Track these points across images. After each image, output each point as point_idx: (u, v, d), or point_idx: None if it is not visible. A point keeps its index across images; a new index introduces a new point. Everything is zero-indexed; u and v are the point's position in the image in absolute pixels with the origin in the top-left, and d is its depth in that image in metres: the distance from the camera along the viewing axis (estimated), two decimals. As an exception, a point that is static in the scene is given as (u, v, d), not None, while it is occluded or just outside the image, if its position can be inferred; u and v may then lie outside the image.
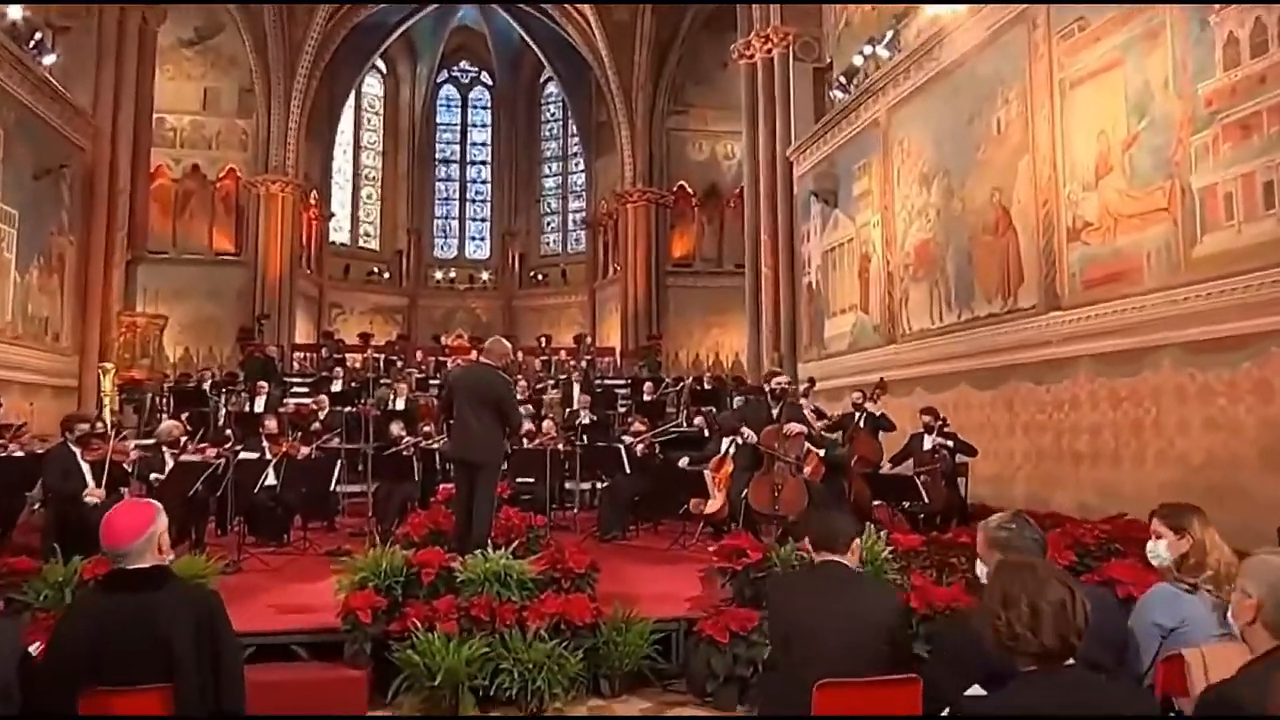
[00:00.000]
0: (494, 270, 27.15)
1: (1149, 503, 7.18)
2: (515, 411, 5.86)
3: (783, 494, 6.36)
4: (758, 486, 6.45)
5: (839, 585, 2.95)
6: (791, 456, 6.48)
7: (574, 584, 5.11)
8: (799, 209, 15.30)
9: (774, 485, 6.42)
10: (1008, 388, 9.72)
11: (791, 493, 6.40)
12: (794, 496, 6.39)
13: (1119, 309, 8.04)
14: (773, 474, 6.53)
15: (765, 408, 6.81)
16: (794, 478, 6.46)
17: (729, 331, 22.56)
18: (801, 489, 6.41)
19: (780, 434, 6.55)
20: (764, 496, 6.39)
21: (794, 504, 6.38)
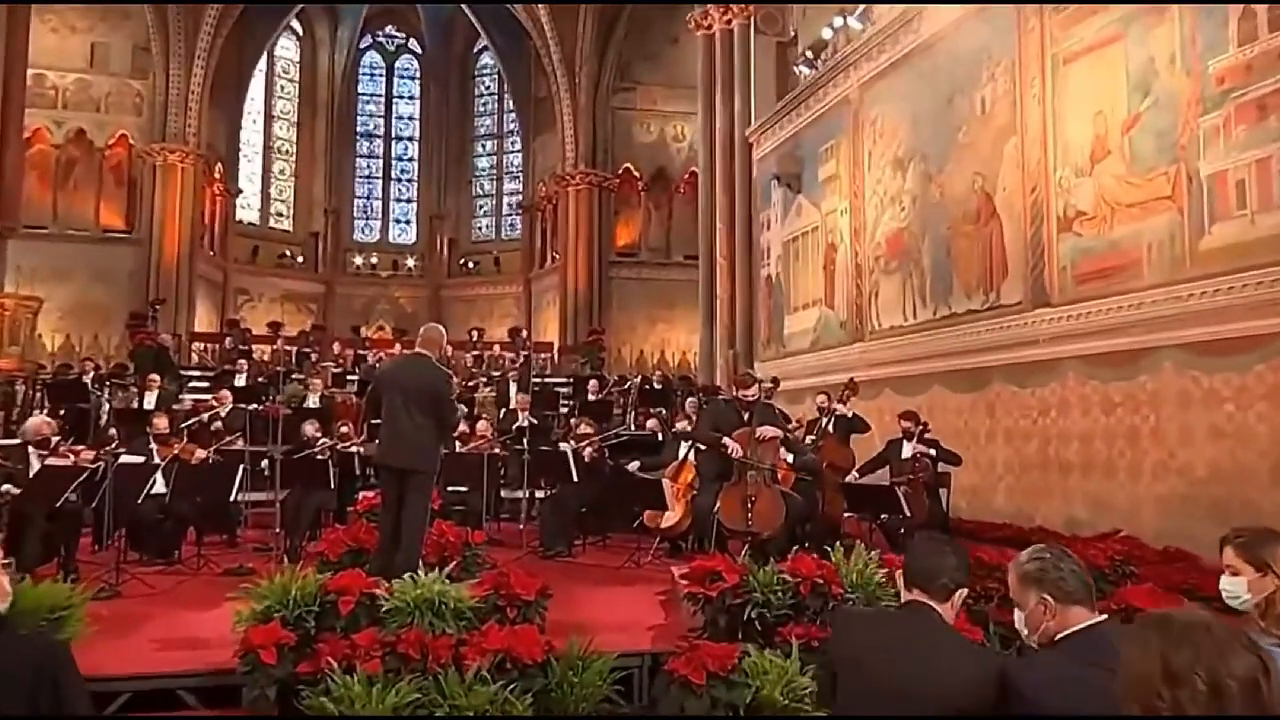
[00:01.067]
0: (420, 256, 26.67)
1: (1146, 518, 7.47)
2: (454, 411, 5.34)
3: (756, 507, 5.94)
4: (728, 499, 6.01)
5: (921, 638, 2.49)
6: (766, 463, 6.07)
7: (521, 613, 4.61)
8: (758, 194, 15.11)
9: (746, 497, 5.99)
10: (988, 391, 9.59)
11: (766, 505, 6.00)
12: (769, 510, 5.99)
13: (1115, 306, 7.90)
14: (744, 484, 6.11)
15: (734, 410, 6.40)
16: (768, 488, 6.06)
17: (676, 328, 22.56)
18: (778, 501, 6.01)
19: (752, 439, 6.14)
20: (735, 510, 5.96)
21: (770, 518, 5.98)
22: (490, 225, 27.04)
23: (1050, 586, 2.43)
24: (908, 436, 7.98)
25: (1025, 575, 2.51)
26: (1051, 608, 2.40)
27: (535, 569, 6.32)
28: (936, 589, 2.56)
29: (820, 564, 4.82)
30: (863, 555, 4.98)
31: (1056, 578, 2.44)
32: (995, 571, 5.06)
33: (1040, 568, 2.49)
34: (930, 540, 2.75)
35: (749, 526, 5.83)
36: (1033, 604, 2.43)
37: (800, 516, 6.17)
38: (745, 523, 5.88)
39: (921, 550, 2.67)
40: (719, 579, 4.80)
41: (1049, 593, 2.40)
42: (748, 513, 5.91)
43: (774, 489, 6.07)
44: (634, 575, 6.90)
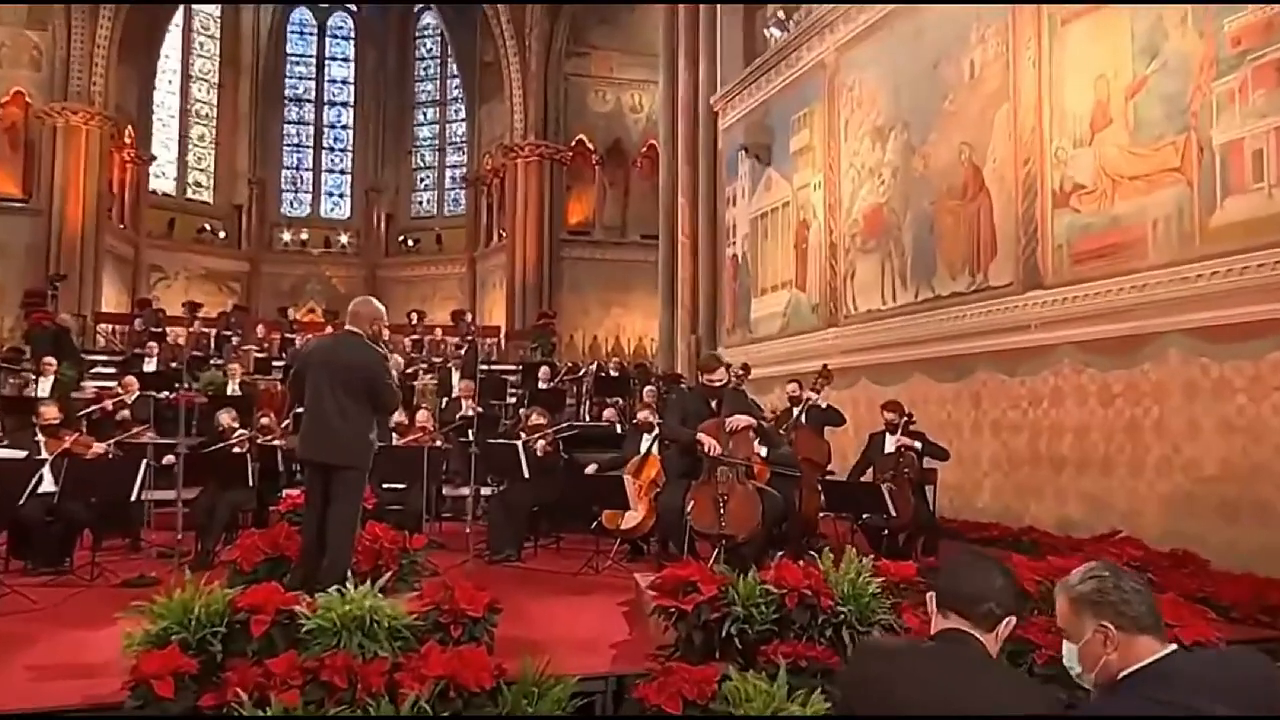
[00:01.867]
0: (355, 233, 26.28)
1: (1147, 518, 7.19)
2: (391, 396, 4.89)
3: (729, 506, 5.59)
4: (697, 498, 5.65)
5: (963, 676, 2.13)
6: (740, 457, 5.72)
7: (467, 632, 4.22)
8: (724, 166, 14.87)
9: (718, 496, 5.64)
10: (974, 380, 9.43)
11: (741, 505, 5.65)
12: (744, 509, 5.64)
13: (1115, 288, 7.73)
14: (715, 481, 5.75)
15: (701, 399, 6.04)
16: (742, 485, 5.71)
17: (632, 312, 22.50)
18: (753, 500, 5.67)
19: (722, 430, 5.78)
20: (706, 511, 5.60)
21: (744, 519, 5.63)
22: (432, 200, 26.68)
23: (1111, 612, 2.13)
24: (891, 429, 7.75)
25: (1079, 599, 2.20)
26: (1113, 638, 2.11)
27: (482, 577, 6.00)
28: (980, 616, 2.21)
29: (808, 572, 4.48)
30: (854, 562, 4.65)
31: (1118, 600, 2.14)
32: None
33: (1098, 589, 2.17)
34: (971, 556, 2.38)
35: (721, 529, 5.47)
36: (1089, 634, 2.14)
37: (778, 516, 5.84)
38: (717, 524, 5.53)
39: (961, 568, 2.30)
40: (694, 590, 4.45)
41: (1110, 620, 2.11)
42: (720, 513, 5.56)
43: (749, 486, 5.73)
44: (592, 583, 6.57)
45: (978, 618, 2.19)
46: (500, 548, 7.32)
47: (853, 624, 4.39)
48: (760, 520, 5.54)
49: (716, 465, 5.65)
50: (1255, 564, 6.09)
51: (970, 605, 2.20)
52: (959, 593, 2.23)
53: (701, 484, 5.76)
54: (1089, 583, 2.21)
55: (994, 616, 2.20)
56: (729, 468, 5.64)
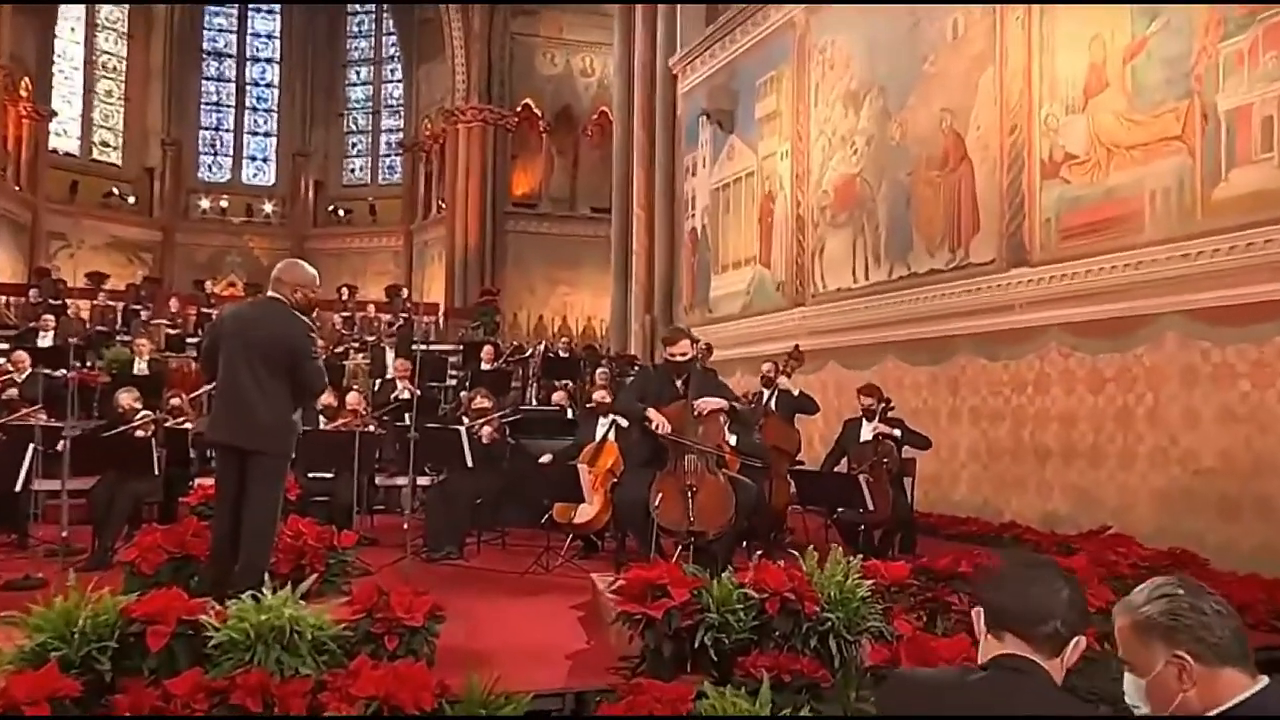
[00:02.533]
0: (281, 201, 25.75)
1: (1139, 514, 6.99)
2: (316, 373, 4.48)
3: (699, 499, 5.27)
4: (662, 490, 5.32)
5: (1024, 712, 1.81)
6: (710, 445, 5.41)
7: (404, 643, 3.87)
8: (683, 134, 14.71)
9: (685, 488, 5.31)
10: (952, 364, 9.32)
11: (712, 497, 5.34)
12: (715, 502, 5.33)
13: (1108, 266, 7.60)
14: (682, 471, 5.43)
15: (666, 377, 5.71)
16: (713, 475, 5.40)
17: (580, 290, 22.47)
18: (725, 492, 5.36)
19: (689, 413, 5.46)
20: (672, 504, 5.27)
21: (716, 513, 5.32)
22: (365, 167, 26.34)
23: (1188, 639, 1.84)
24: (868, 415, 7.51)
25: (1147, 623, 1.89)
26: (1191, 671, 1.83)
27: (420, 577, 5.68)
28: (1043, 637, 1.90)
29: (790, 574, 4.18)
30: (841, 562, 4.36)
31: (1196, 625, 1.85)
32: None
33: (1170, 611, 1.87)
34: (1027, 563, 2.05)
35: (690, 524, 5.15)
36: (1160, 666, 1.86)
37: (752, 510, 5.54)
38: (685, 520, 5.20)
39: (1017, 579, 1.98)
40: (663, 595, 4.12)
41: (1187, 649, 1.84)
42: (688, 507, 5.23)
43: (720, 476, 5.43)
44: (543, 583, 6.25)
45: (1040, 640, 1.88)
46: (439, 544, 6.97)
47: (840, 632, 4.13)
48: (733, 514, 5.23)
49: (684, 453, 5.32)
50: (1257, 564, 5.98)
51: (1031, 624, 1.89)
52: (1017, 609, 1.91)
53: (667, 474, 5.44)
54: (1159, 603, 1.91)
55: (1059, 638, 1.89)
56: (698, 455, 5.31)
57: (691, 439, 5.38)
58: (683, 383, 5.64)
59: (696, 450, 5.32)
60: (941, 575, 4.56)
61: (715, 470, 5.39)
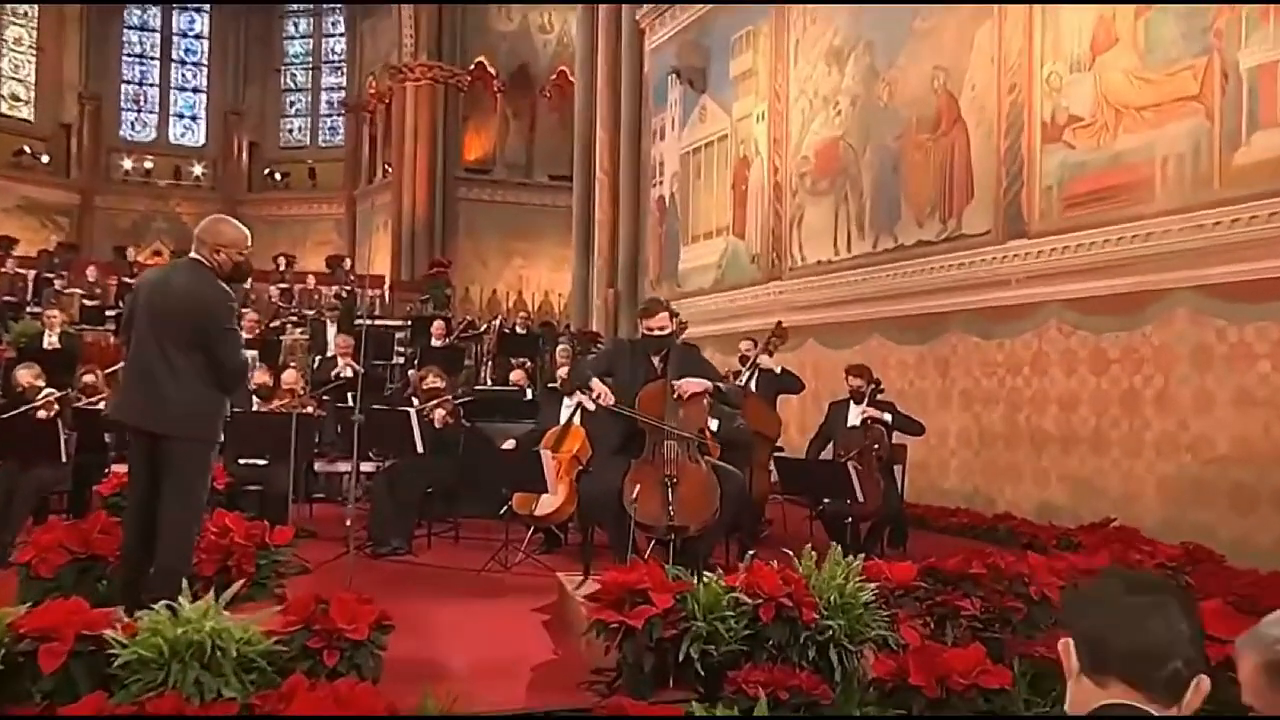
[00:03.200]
0: (211, 163, 25.32)
1: (1144, 505, 6.83)
2: (232, 347, 4.08)
3: (680, 491, 4.96)
4: (641, 482, 5.00)
5: None
6: (692, 430, 5.11)
7: (347, 658, 3.55)
8: (650, 94, 14.60)
9: (664, 479, 5.00)
10: (942, 342, 9.24)
11: (695, 489, 5.03)
12: (698, 495, 5.02)
13: (1114, 237, 7.49)
14: (661, 460, 5.12)
15: (643, 355, 5.39)
16: (695, 464, 5.10)
17: (536, 263, 22.44)
18: (709, 483, 5.06)
19: (668, 395, 5.16)
20: (650, 497, 4.96)
21: (699, 507, 5.01)
22: (304, 127, 25.87)
23: None
24: (856, 397, 7.30)
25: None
26: None
27: (364, 575, 5.40)
28: (1161, 683, 1.58)
29: (786, 577, 3.91)
30: (841, 563, 4.10)
31: None
32: (1014, 585, 4.34)
33: None
34: (1138, 587, 1.69)
35: (670, 520, 4.85)
36: None
37: (739, 502, 5.26)
38: (664, 514, 4.90)
39: (1129, 610, 1.64)
40: (644, 601, 3.82)
41: None
42: (668, 500, 4.92)
43: (704, 465, 5.13)
44: (502, 582, 5.97)
45: (1158, 685, 1.57)
46: (386, 538, 6.68)
47: (842, 641, 3.89)
48: (718, 508, 4.93)
49: (663, 438, 5.01)
50: (1277, 560, 5.81)
51: (1148, 667, 1.58)
52: (1129, 648, 1.59)
53: (644, 463, 5.12)
54: None
55: (1179, 681, 1.58)
56: (678, 442, 5.00)
57: (672, 424, 5.06)
58: (660, 360, 5.33)
59: (677, 436, 5.01)
60: (951, 577, 4.31)
61: (698, 458, 5.09)
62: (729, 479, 5.10)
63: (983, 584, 4.27)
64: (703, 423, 5.25)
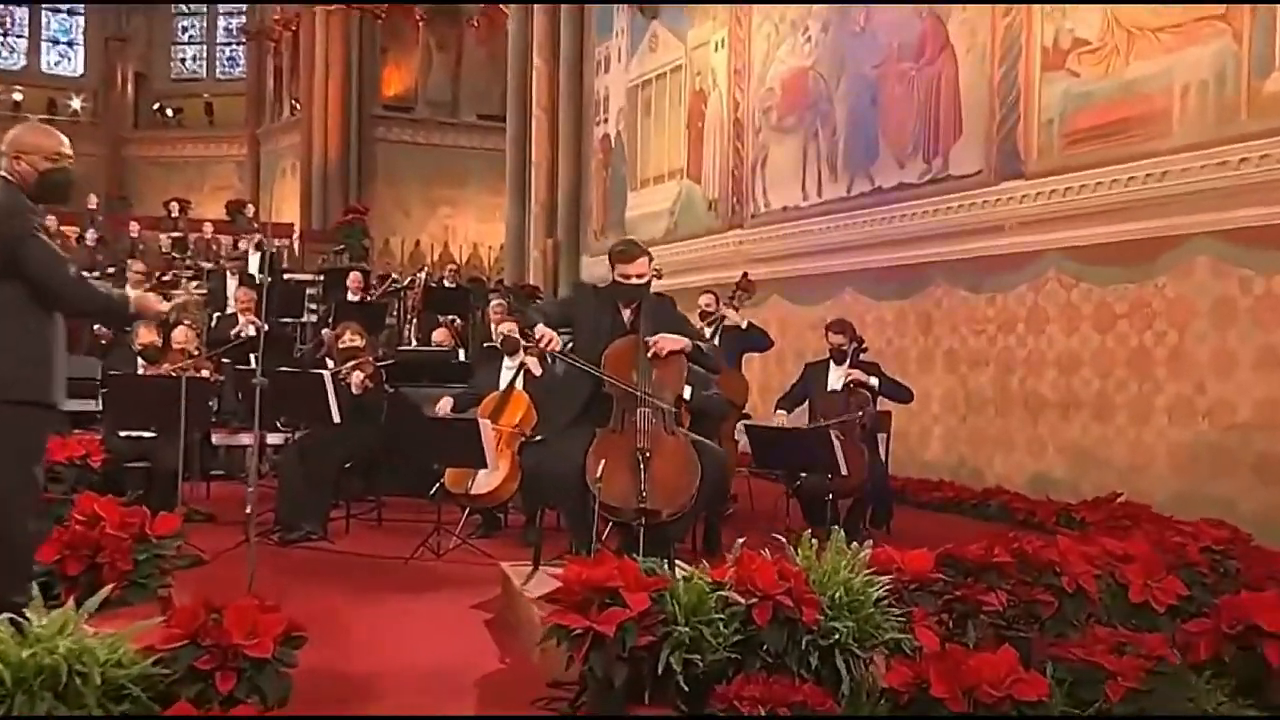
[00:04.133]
0: (92, 96, 24.82)
1: (1154, 476, 6.60)
2: (45, 260, 3.50)
3: (654, 468, 4.47)
4: (608, 457, 4.51)
5: None
6: (668, 396, 4.66)
7: (245, 682, 3.07)
8: (593, 21, 14.56)
9: (635, 453, 4.52)
10: (924, 296, 9.21)
11: (670, 466, 4.53)
12: (676, 472, 4.52)
13: (1124, 177, 7.38)
14: (632, 431, 4.62)
15: (612, 305, 4.90)
16: (672, 436, 4.64)
17: (464, 212, 22.41)
18: (688, 458, 4.58)
19: (639, 353, 4.69)
20: (619, 475, 4.47)
21: (676, 487, 4.50)
22: (199, 57, 25.56)
23: None
24: (838, 357, 7.03)
25: None
26: None
27: (270, 572, 4.94)
28: None
29: (782, 570, 3.51)
30: (846, 552, 3.70)
31: None
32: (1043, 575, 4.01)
33: None
34: None
35: (641, 502, 4.40)
36: None
37: (721, 482, 4.85)
38: (634, 496, 4.43)
39: None
40: (615, 602, 3.39)
41: None
42: (639, 479, 4.44)
43: (680, 437, 4.67)
44: (435, 573, 5.62)
45: None
46: (296, 521, 6.29)
47: (849, 646, 3.51)
48: (697, 489, 4.50)
49: (634, 406, 4.56)
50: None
51: None
52: None
53: (610, 434, 4.64)
54: None
55: None
56: (653, 410, 4.55)
57: (645, 387, 4.60)
58: (632, 313, 4.85)
59: (651, 403, 4.56)
60: (974, 567, 3.96)
61: (674, 430, 4.64)
62: (709, 456, 4.66)
63: (1009, 574, 3.92)
64: (679, 388, 4.82)
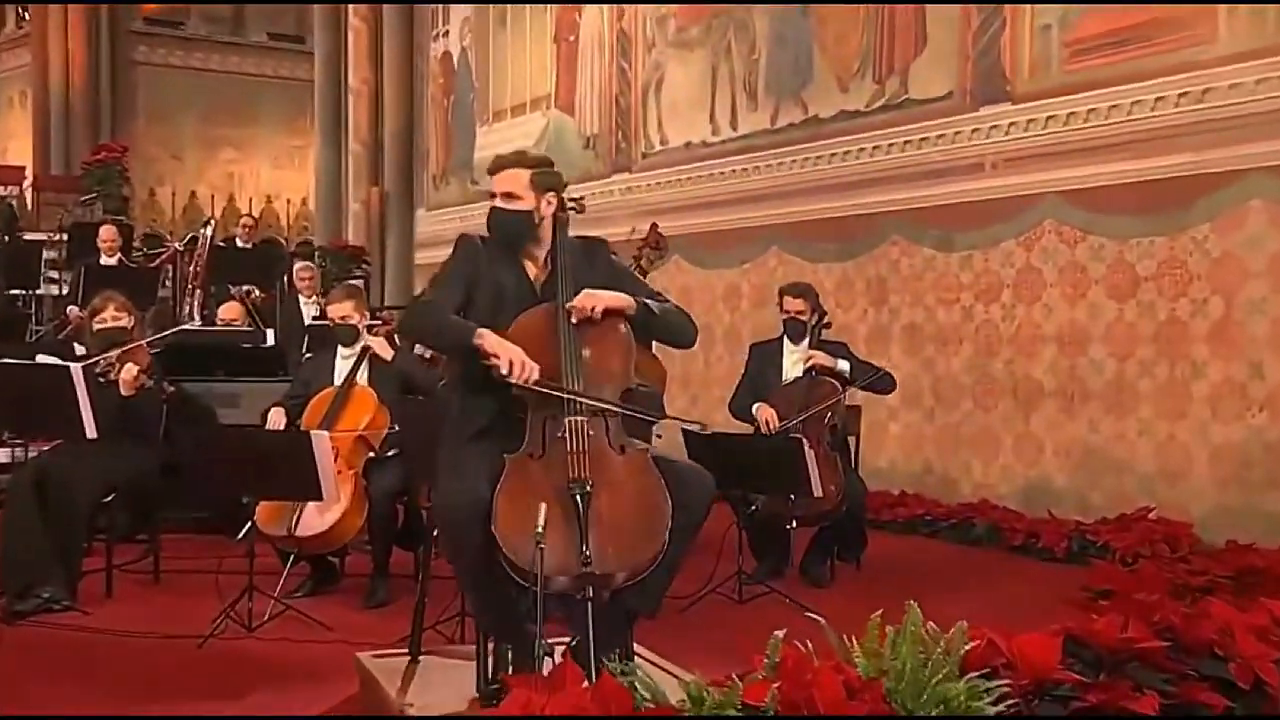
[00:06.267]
0: None
1: (1191, 486, 6.90)
2: None
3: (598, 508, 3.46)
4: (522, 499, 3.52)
5: None
6: (609, 388, 3.72)
7: None
8: None
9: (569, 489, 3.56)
10: (876, 257, 8.91)
11: (627, 501, 3.55)
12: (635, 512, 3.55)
13: (1149, 97, 7.08)
14: (557, 452, 3.64)
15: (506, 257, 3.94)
16: (621, 456, 3.67)
17: (254, 157, 21.65)
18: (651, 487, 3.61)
19: (561, 324, 3.77)
20: (549, 528, 3.48)
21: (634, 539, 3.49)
22: None
23: None
24: (794, 334, 6.53)
25: None
26: None
27: None
28: None
29: (849, 679, 2.71)
30: (924, 636, 2.95)
31: None
32: (1202, 662, 3.35)
33: None
34: None
35: (585, 566, 3.42)
36: None
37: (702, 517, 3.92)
38: (573, 557, 3.44)
39: None
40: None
41: None
42: (578, 530, 3.46)
43: (635, 457, 3.69)
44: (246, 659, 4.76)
45: None
46: (26, 585, 5.45)
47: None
48: (668, 532, 3.58)
49: (558, 411, 3.59)
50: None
51: None
52: None
53: (524, 460, 3.62)
54: None
55: None
56: (588, 417, 3.60)
57: (572, 380, 3.64)
58: (540, 268, 3.91)
59: (585, 405, 3.60)
60: (1110, 656, 3.17)
61: (625, 443, 3.70)
62: (684, 481, 3.73)
63: (1159, 664, 3.19)
64: (626, 374, 3.86)
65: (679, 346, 4.15)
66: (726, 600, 5.51)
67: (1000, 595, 5.94)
